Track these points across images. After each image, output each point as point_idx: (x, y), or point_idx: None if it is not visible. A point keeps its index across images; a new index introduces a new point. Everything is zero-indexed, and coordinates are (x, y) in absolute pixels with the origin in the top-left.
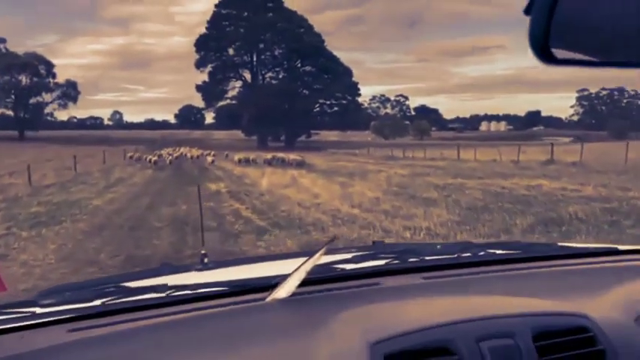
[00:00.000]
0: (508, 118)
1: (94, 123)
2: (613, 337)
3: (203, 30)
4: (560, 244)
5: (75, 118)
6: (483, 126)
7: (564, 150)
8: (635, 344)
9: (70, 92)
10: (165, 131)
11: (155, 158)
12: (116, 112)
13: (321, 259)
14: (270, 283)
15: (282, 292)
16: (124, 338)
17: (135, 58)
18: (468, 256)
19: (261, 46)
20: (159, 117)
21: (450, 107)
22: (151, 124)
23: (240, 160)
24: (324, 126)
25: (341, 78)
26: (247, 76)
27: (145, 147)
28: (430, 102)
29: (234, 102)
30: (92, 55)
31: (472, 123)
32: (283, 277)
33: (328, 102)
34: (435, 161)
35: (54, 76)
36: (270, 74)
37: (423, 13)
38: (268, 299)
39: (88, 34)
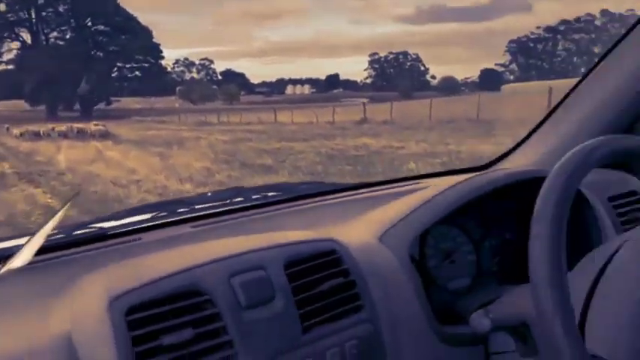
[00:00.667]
0: (310, 82)
1: None
2: (358, 255)
3: None
4: (319, 182)
5: None
6: (289, 89)
7: (370, 110)
8: (375, 260)
9: None
10: None
11: None
12: None
13: (65, 220)
14: (4, 255)
15: (17, 261)
16: None
17: None
18: (240, 200)
19: (41, 0)
20: None
21: (254, 72)
22: None
23: (24, 134)
24: (125, 92)
25: (140, 39)
26: (26, 36)
27: None
28: (234, 66)
29: (11, 66)
30: None
31: (278, 87)
32: (20, 247)
33: (128, 65)
34: (254, 125)
35: None
36: (55, 34)
37: None
38: (2, 271)
39: None
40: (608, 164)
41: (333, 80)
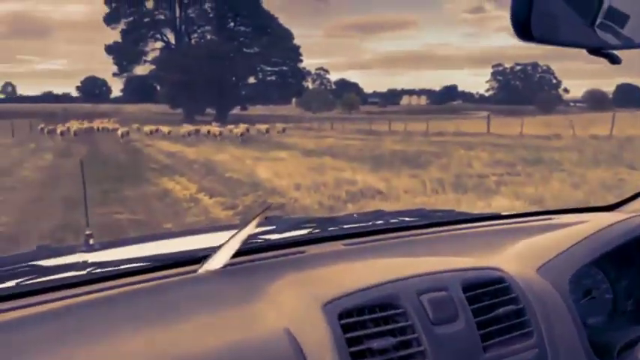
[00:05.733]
0: (425, 93)
1: None
2: (521, 285)
3: None
4: (451, 210)
5: None
6: (405, 100)
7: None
8: (537, 291)
9: None
10: (67, 105)
11: (64, 129)
12: (8, 84)
13: (253, 229)
14: (199, 256)
15: (215, 263)
16: (45, 319)
17: (29, 27)
18: (381, 223)
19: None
20: (58, 90)
21: (364, 82)
22: (49, 98)
23: (189, 133)
24: (264, 96)
25: (281, 41)
26: (170, 35)
27: (45, 121)
28: (345, 77)
29: (153, 67)
30: None
31: (391, 98)
32: (212, 250)
33: (269, 69)
34: (436, 136)
35: None
36: (197, 34)
37: None
38: (200, 271)
39: None
40: None
41: (450, 91)
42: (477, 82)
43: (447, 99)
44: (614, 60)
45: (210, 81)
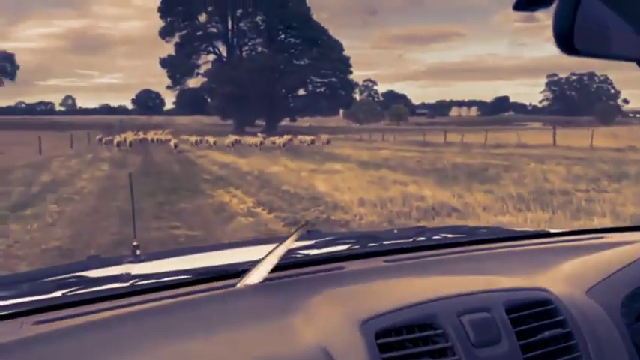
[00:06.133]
0: (475, 104)
1: (45, 109)
2: (569, 307)
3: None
4: (497, 227)
5: (23, 103)
6: (454, 111)
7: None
8: (586, 313)
9: (5, 66)
10: (123, 116)
11: (121, 140)
12: (68, 97)
13: (292, 244)
14: (238, 270)
15: (254, 277)
16: (90, 329)
17: (89, 43)
18: (423, 240)
19: (239, 12)
20: (114, 103)
21: (412, 93)
22: (106, 110)
23: (232, 144)
24: (313, 108)
25: (331, 52)
26: (222, 48)
27: (103, 132)
28: (393, 88)
29: (205, 79)
30: (43, 39)
31: (439, 109)
32: (251, 264)
33: (318, 80)
34: (497, 149)
35: None
36: (249, 46)
37: (383, 2)
38: (239, 285)
39: (39, 17)
40: None
41: (502, 102)
42: (528, 92)
43: (499, 110)
44: None
45: (261, 93)
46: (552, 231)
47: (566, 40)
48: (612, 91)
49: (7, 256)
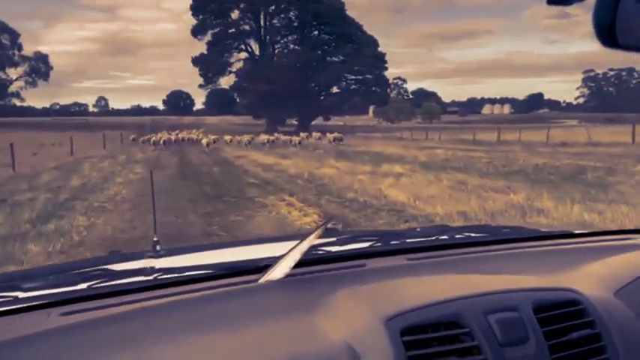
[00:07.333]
0: (508, 101)
1: (79, 110)
2: (598, 308)
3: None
4: (520, 227)
5: (57, 104)
6: (486, 109)
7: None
8: (615, 315)
9: (39, 67)
10: (155, 117)
11: (156, 139)
12: (102, 98)
13: (314, 241)
14: (260, 265)
15: (277, 273)
16: (114, 322)
17: (122, 45)
18: (446, 238)
19: (272, 8)
20: (146, 104)
21: (442, 91)
22: (137, 111)
23: (264, 143)
24: (347, 106)
25: (365, 48)
26: (255, 46)
27: (136, 133)
28: (423, 86)
29: (237, 78)
30: (78, 42)
31: (470, 106)
32: (274, 259)
33: (352, 77)
34: (565, 147)
35: (19, 47)
36: (281, 43)
37: (411, 0)
38: (261, 280)
39: (74, 21)
40: None
41: (536, 99)
42: (562, 89)
43: (532, 107)
44: None
45: (294, 91)
46: (576, 232)
47: (607, 33)
48: None
49: None
